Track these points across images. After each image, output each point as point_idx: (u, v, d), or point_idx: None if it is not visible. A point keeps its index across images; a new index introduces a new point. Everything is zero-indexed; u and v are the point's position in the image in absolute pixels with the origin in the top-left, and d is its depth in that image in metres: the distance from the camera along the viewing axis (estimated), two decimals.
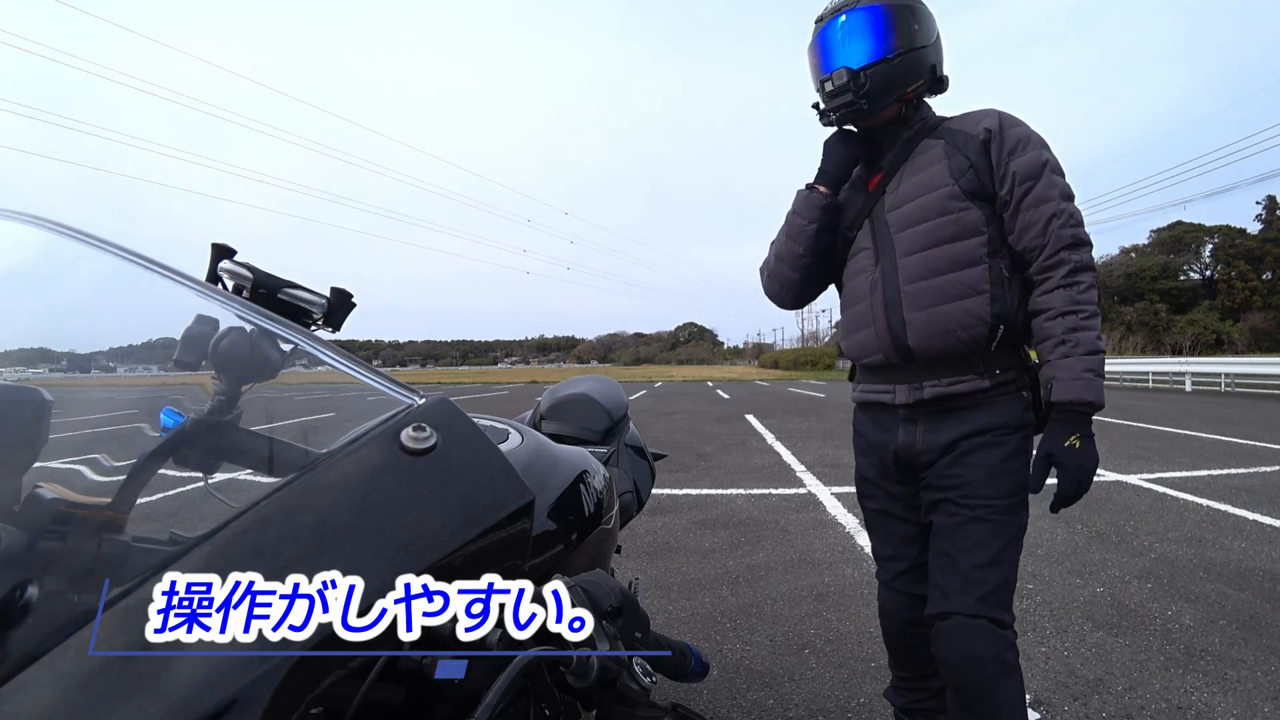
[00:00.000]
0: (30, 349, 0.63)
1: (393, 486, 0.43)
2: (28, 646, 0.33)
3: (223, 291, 0.64)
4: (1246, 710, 1.70)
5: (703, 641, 2.19)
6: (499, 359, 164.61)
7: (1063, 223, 1.09)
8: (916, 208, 1.18)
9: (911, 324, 1.17)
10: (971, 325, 1.14)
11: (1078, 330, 1.07)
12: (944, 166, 1.16)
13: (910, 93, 1.21)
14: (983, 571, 1.12)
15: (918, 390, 1.20)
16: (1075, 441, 1.08)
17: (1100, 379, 1.07)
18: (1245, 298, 45.58)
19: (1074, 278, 1.09)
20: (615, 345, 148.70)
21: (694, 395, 17.60)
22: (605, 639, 0.56)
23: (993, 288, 1.13)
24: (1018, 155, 1.12)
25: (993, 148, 1.14)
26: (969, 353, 1.16)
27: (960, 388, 1.17)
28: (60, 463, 0.54)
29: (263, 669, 0.33)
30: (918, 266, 1.17)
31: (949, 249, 1.15)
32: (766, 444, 7.02)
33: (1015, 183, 1.12)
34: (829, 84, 1.20)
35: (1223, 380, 15.17)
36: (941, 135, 1.20)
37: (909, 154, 1.23)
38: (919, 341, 1.17)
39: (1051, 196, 1.10)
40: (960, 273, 1.14)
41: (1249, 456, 5.46)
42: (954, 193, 1.15)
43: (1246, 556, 2.92)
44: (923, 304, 1.16)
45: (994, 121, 1.16)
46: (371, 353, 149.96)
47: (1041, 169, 1.11)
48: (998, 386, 1.17)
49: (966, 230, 1.14)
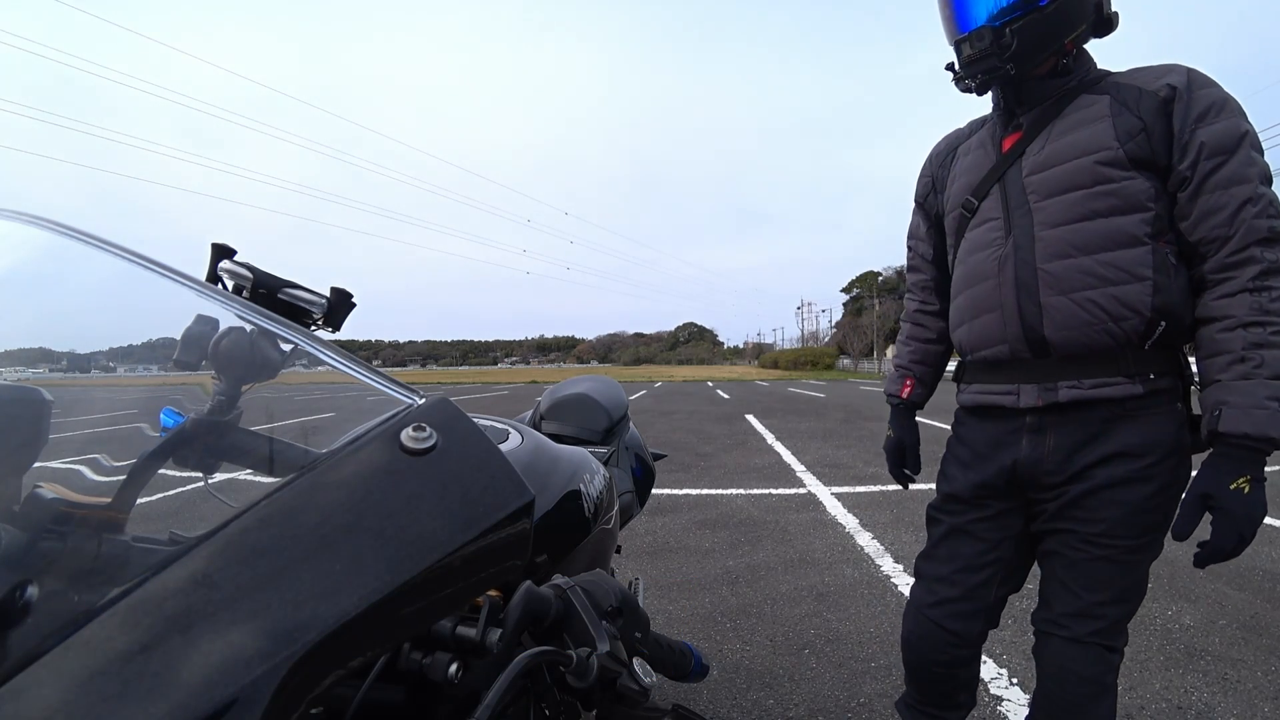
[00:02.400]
0: (30, 349, 0.63)
1: (393, 486, 0.43)
2: (28, 646, 0.33)
3: (223, 291, 0.64)
4: (1246, 710, 1.70)
5: (703, 641, 2.19)
6: (499, 359, 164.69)
7: (1259, 211, 0.87)
8: (1067, 172, 0.97)
9: (1050, 310, 0.98)
10: (1126, 317, 0.94)
11: (1264, 347, 0.86)
12: (1108, 126, 0.95)
13: (1069, 43, 0.99)
14: (1104, 608, 1.01)
15: (1050, 392, 1.00)
16: (1244, 485, 0.86)
17: None
18: None
19: (1265, 281, 0.87)
20: (615, 345, 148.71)
21: (694, 395, 17.60)
22: (605, 639, 0.56)
23: (1156, 275, 0.93)
24: (1209, 122, 0.90)
25: (1176, 109, 0.91)
26: (1118, 350, 0.96)
27: (1106, 392, 0.96)
28: (60, 463, 0.54)
29: (263, 669, 0.33)
30: (1063, 241, 0.97)
31: (1104, 224, 0.95)
32: (766, 444, 7.02)
33: (1202, 156, 0.90)
34: (966, 46, 0.99)
35: None
36: (1107, 90, 0.98)
37: (1060, 110, 1.01)
38: (1057, 332, 0.98)
39: (1248, 177, 0.88)
40: (1117, 253, 0.94)
41: None
42: (1117, 158, 0.94)
43: (1247, 556, 2.92)
44: (1066, 287, 0.97)
45: (1181, 78, 0.93)
46: (371, 353, 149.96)
47: (1239, 142, 0.89)
48: (1152, 395, 0.97)
49: (1128, 204, 0.94)
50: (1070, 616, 1.03)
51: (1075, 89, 1.01)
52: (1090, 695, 1.02)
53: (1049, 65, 1.01)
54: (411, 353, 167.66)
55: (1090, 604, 1.01)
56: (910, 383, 1.33)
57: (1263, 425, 0.84)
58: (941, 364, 1.33)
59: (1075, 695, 1.03)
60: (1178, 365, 0.99)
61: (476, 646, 0.51)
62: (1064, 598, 1.04)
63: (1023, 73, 0.99)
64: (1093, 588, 1.01)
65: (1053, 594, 1.07)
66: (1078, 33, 0.98)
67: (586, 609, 0.58)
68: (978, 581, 1.13)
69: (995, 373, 1.08)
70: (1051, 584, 1.08)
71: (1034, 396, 1.02)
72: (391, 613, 0.39)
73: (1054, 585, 1.07)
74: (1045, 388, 1.01)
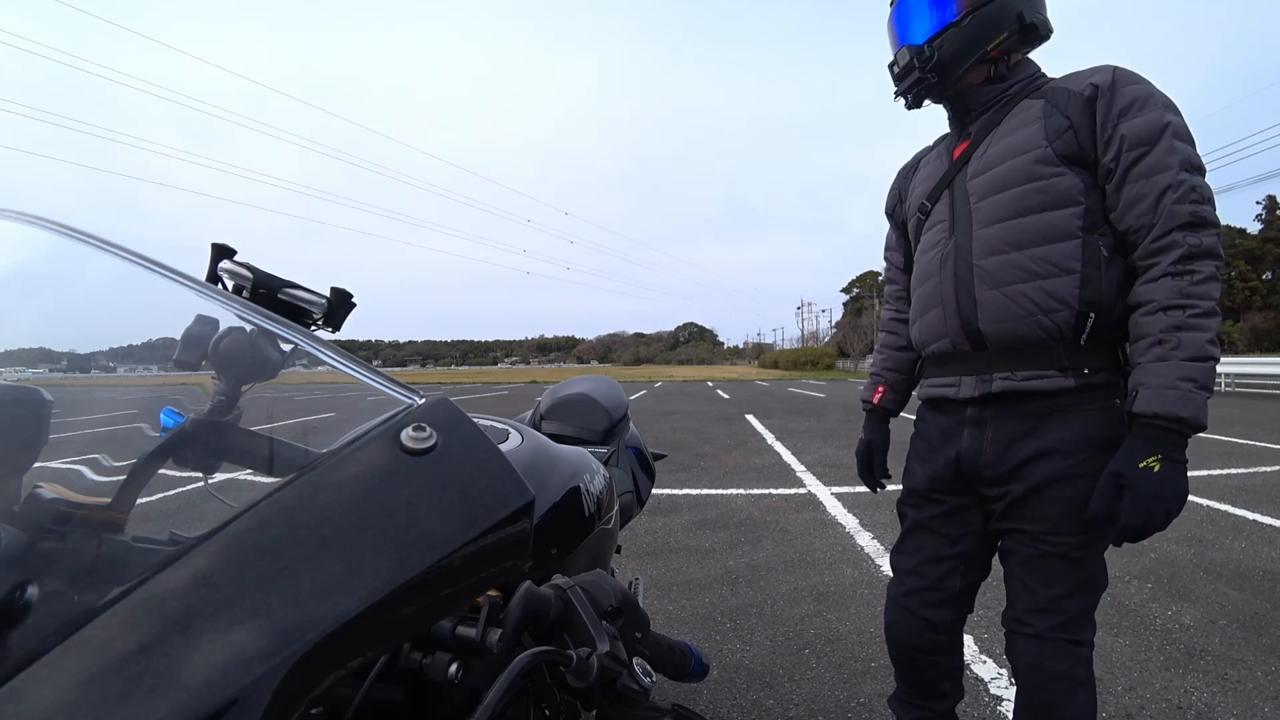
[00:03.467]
0: (30, 349, 0.63)
1: (392, 486, 0.43)
2: (28, 646, 0.33)
3: (223, 291, 0.64)
4: (1246, 710, 1.70)
5: (703, 641, 2.19)
6: (499, 359, 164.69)
7: (1179, 196, 0.89)
8: (1002, 173, 1.02)
9: (983, 304, 1.02)
10: (1055, 310, 0.97)
11: (1181, 329, 0.87)
12: (1040, 127, 0.99)
13: (993, 50, 1.03)
14: (1061, 602, 1.04)
15: (985, 383, 1.04)
16: (1154, 464, 0.88)
17: (1202, 392, 0.87)
18: (1245, 298, 45.57)
19: (1187, 265, 0.89)
20: (615, 345, 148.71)
21: (694, 395, 17.60)
22: (605, 639, 0.56)
23: (1084, 268, 0.96)
24: (1131, 116, 0.93)
25: (1099, 106, 0.95)
26: (1050, 343, 0.99)
27: (1038, 384, 1.00)
28: (60, 463, 0.54)
29: (263, 669, 0.33)
30: (996, 238, 1.01)
31: (1035, 220, 0.98)
32: (766, 444, 7.02)
33: (1124, 148, 0.92)
34: (894, 66, 1.09)
35: (1223, 380, 15.16)
36: (1043, 95, 1.02)
37: (1003, 118, 1.06)
38: (991, 325, 1.02)
39: (1169, 165, 0.90)
40: (1046, 247, 0.97)
41: (1249, 456, 5.46)
42: (1046, 156, 0.98)
43: (1246, 556, 2.92)
44: (998, 281, 1.01)
45: (1105, 77, 0.96)
46: (371, 353, 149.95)
47: (1160, 132, 0.91)
48: (1085, 389, 0.99)
49: (1059, 199, 0.97)
50: (1032, 613, 1.06)
51: (1017, 95, 1.06)
52: (1064, 690, 1.04)
53: (982, 74, 1.08)
54: (411, 353, 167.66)
55: (1048, 599, 1.04)
56: (882, 389, 1.37)
57: (1171, 405, 0.86)
58: (914, 371, 1.36)
59: (1049, 692, 1.05)
60: (1115, 361, 1.00)
61: (476, 646, 0.51)
62: (1024, 595, 1.08)
63: (948, 79, 1.06)
64: (1048, 583, 1.04)
65: (1015, 593, 1.11)
66: (1000, 41, 1.03)
67: (586, 609, 0.58)
68: (941, 573, 1.19)
69: (942, 366, 1.14)
70: (1012, 583, 1.11)
71: (972, 388, 1.06)
72: (391, 613, 0.39)
73: (1014, 584, 1.11)
74: (982, 379, 1.05)
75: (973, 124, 1.11)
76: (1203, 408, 0.88)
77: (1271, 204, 48.23)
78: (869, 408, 1.39)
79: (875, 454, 1.36)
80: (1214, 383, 0.89)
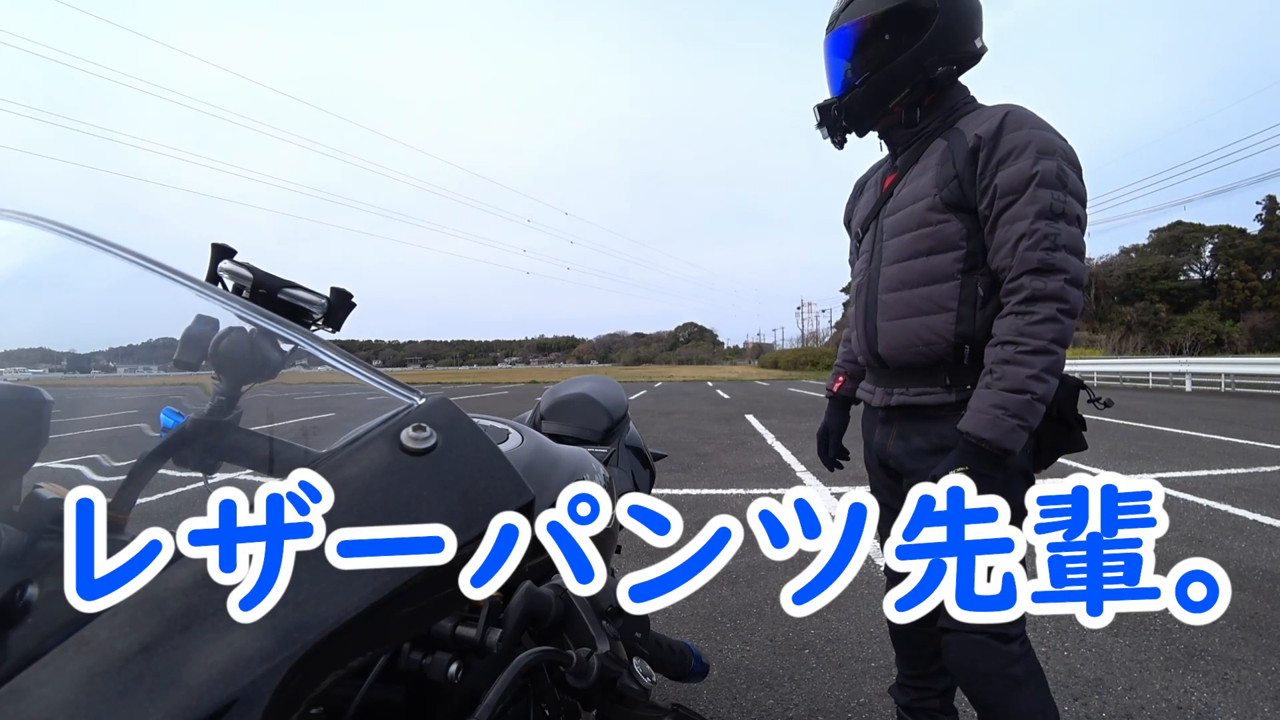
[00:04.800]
0: (30, 349, 0.63)
1: (393, 486, 0.43)
2: (28, 646, 0.33)
3: (223, 291, 0.64)
4: (1246, 710, 1.70)
5: (703, 641, 2.19)
6: (499, 359, 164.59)
7: (1032, 244, 0.98)
8: (903, 217, 1.16)
9: (882, 333, 1.19)
10: (934, 342, 1.11)
11: (1009, 363, 0.99)
12: (933, 175, 1.11)
13: (895, 105, 1.16)
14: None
15: (888, 395, 1.22)
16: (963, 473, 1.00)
17: (1014, 420, 0.97)
18: (1245, 298, 45.59)
19: (1028, 306, 0.99)
20: (615, 345, 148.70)
21: (694, 395, 17.60)
22: (605, 639, 0.56)
23: (960, 306, 1.08)
24: (1006, 165, 1.02)
25: (981, 156, 1.04)
26: (934, 366, 1.14)
27: (925, 399, 1.15)
28: (60, 463, 0.54)
29: (263, 669, 0.33)
30: (895, 277, 1.17)
31: (924, 262, 1.12)
32: (766, 444, 7.02)
33: (995, 196, 1.02)
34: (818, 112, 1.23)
35: (1223, 380, 15.16)
36: (949, 135, 1.12)
37: (919, 155, 1.18)
38: (888, 351, 1.19)
39: (1025, 214, 0.99)
40: (930, 288, 1.11)
41: (1249, 456, 5.46)
42: (934, 204, 1.10)
43: (1246, 556, 2.92)
44: (893, 314, 1.17)
45: (992, 125, 1.04)
46: (371, 353, 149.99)
47: (1027, 183, 0.99)
48: (963, 403, 1.09)
49: (944, 244, 1.10)
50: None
51: (935, 132, 1.16)
52: (1002, 690, 1.07)
53: (894, 119, 1.19)
54: (411, 353, 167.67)
55: None
56: (842, 379, 1.53)
57: (981, 428, 0.99)
58: None
59: (986, 692, 1.09)
60: None
61: (476, 646, 0.51)
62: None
63: (862, 129, 1.22)
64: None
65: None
66: (901, 97, 1.15)
67: (586, 609, 0.58)
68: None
69: (866, 374, 1.34)
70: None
71: (881, 398, 1.24)
72: (392, 612, 0.39)
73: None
74: (886, 391, 1.23)
75: (899, 156, 1.24)
76: (1011, 434, 0.98)
77: (1271, 204, 48.25)
78: (830, 395, 1.56)
79: (832, 434, 1.52)
80: (1035, 415, 0.98)
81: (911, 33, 1.09)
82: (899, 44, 1.10)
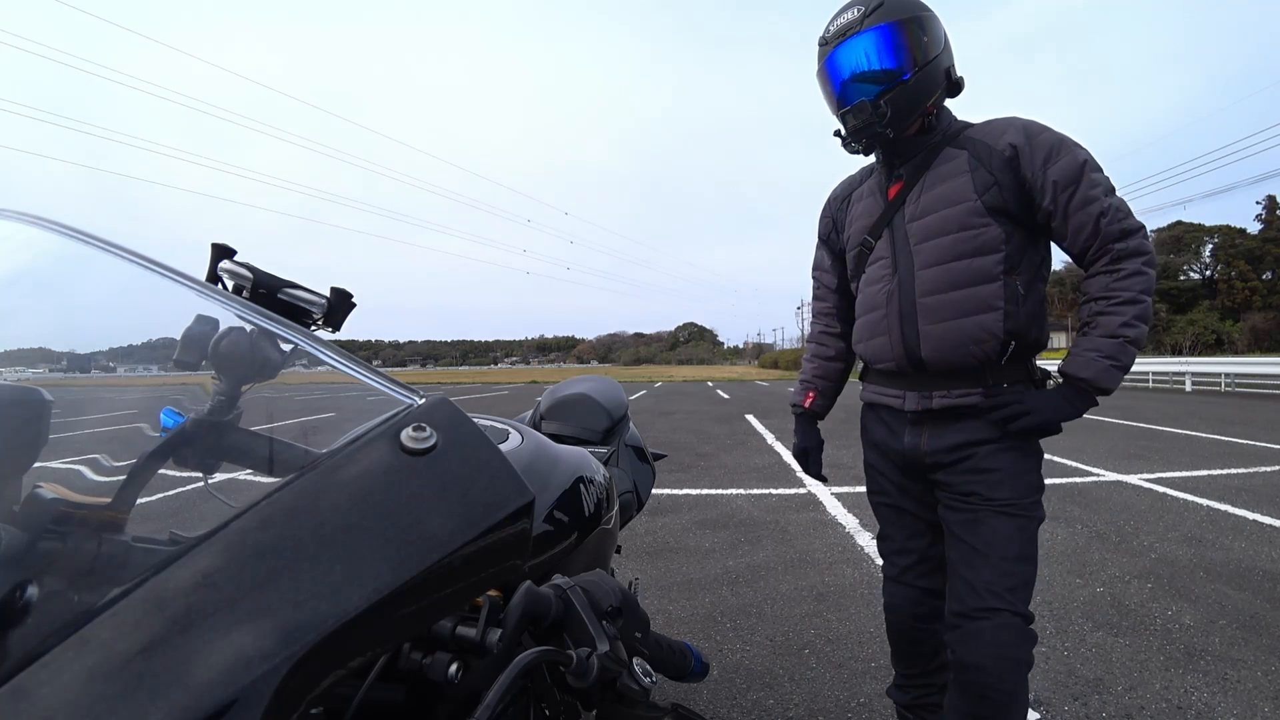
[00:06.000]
0: (30, 349, 0.63)
1: (392, 486, 0.43)
2: (28, 646, 0.33)
3: (223, 291, 0.64)
4: (1246, 710, 1.70)
5: (703, 641, 2.20)
6: (499, 359, 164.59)
7: (1110, 219, 1.09)
8: (938, 220, 1.18)
9: (926, 336, 1.19)
10: (985, 340, 1.15)
11: (1102, 314, 1.10)
12: (968, 180, 1.16)
13: (930, 106, 1.20)
14: (1011, 564, 1.13)
15: (926, 400, 1.22)
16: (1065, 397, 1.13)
17: (1109, 362, 1.08)
18: (1245, 298, 45.60)
19: (1114, 265, 1.09)
20: (615, 345, 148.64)
21: (694, 395, 17.60)
22: (605, 639, 0.56)
23: (1006, 304, 1.14)
24: (1053, 163, 1.11)
25: (1023, 163, 1.13)
26: (979, 367, 1.18)
27: (968, 400, 1.19)
28: (60, 463, 0.54)
29: (263, 669, 0.33)
30: (936, 280, 1.18)
31: (968, 264, 1.16)
32: (766, 444, 7.02)
33: (1057, 191, 1.11)
34: (850, 118, 1.19)
35: (1223, 380, 15.17)
36: (964, 145, 1.19)
37: (930, 163, 1.22)
38: (933, 354, 1.19)
39: (1094, 197, 1.10)
40: (977, 288, 1.15)
41: (1249, 456, 5.46)
42: (977, 208, 1.15)
43: (1246, 556, 2.92)
44: (939, 316, 1.18)
45: (1019, 135, 1.14)
46: (371, 353, 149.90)
47: (1080, 171, 1.10)
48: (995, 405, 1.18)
49: (986, 246, 1.15)
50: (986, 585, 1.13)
51: (940, 143, 1.22)
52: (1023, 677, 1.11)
53: (917, 125, 1.22)
54: (411, 353, 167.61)
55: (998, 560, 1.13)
56: (812, 395, 1.54)
57: (1080, 368, 1.11)
58: (841, 379, 1.55)
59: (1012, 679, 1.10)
60: (1027, 373, 1.21)
61: (476, 646, 0.51)
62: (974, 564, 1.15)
63: (900, 133, 1.20)
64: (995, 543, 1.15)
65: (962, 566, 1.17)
66: (935, 96, 1.20)
67: (586, 609, 0.58)
68: (926, 544, 1.34)
69: (888, 380, 1.31)
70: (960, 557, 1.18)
71: (915, 402, 1.24)
72: (392, 612, 0.39)
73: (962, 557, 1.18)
74: (923, 395, 1.23)
75: (902, 167, 1.26)
76: (1108, 374, 1.09)
77: (1271, 204, 48.24)
78: (799, 411, 1.55)
79: (811, 452, 1.54)
80: (1128, 355, 1.09)
81: (936, 39, 1.17)
82: (935, 41, 1.17)
